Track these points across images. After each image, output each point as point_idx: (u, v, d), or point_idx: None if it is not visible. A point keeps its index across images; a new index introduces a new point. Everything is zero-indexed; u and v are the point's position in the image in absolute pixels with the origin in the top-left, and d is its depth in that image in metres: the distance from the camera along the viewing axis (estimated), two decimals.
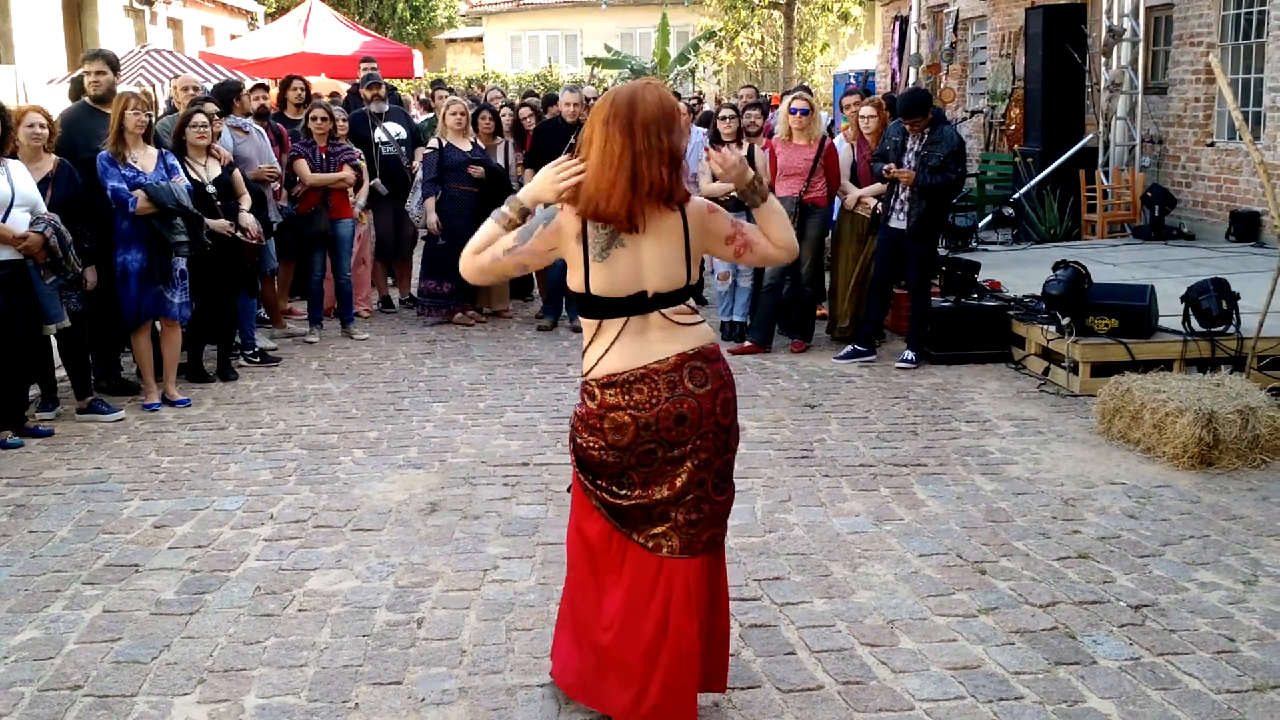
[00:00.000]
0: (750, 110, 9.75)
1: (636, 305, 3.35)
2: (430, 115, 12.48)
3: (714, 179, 9.04)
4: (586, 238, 3.33)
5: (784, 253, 3.52)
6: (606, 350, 3.38)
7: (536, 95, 13.76)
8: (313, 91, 10.51)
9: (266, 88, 10.49)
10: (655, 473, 3.40)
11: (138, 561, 4.85)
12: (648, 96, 3.29)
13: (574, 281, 3.41)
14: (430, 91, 15.96)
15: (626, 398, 3.34)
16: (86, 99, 7.71)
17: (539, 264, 3.48)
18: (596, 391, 3.39)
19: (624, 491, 3.45)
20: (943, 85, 18.24)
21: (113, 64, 7.71)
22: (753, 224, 3.51)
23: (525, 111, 11.03)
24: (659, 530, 3.43)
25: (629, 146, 3.23)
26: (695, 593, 3.41)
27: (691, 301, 3.48)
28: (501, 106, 10.62)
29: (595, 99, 11.37)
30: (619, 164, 3.23)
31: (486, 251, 3.39)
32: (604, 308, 3.37)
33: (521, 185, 9.94)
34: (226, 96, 8.90)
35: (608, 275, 3.32)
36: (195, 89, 8.86)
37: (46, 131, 6.78)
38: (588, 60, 31.00)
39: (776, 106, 10.78)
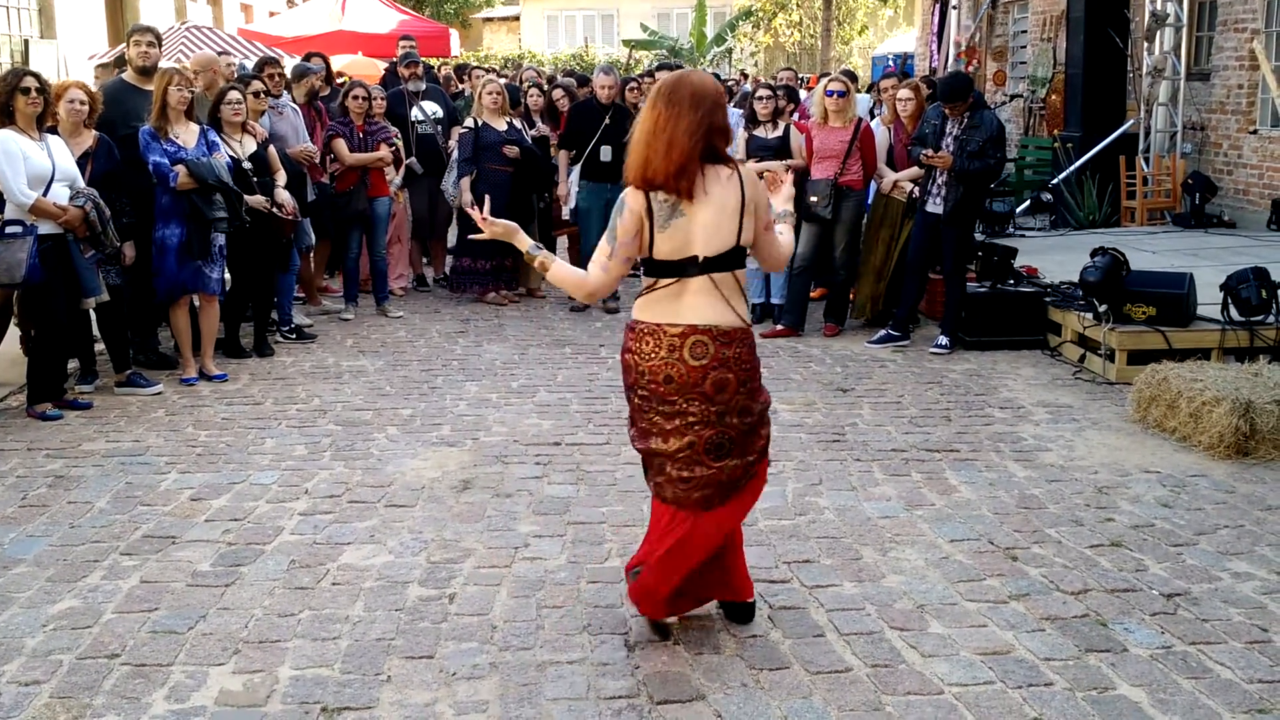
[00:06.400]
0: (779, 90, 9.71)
1: (685, 268, 3.68)
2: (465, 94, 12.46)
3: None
4: (651, 211, 3.64)
5: (773, 264, 3.99)
6: (645, 299, 3.76)
7: (572, 75, 13.62)
8: (348, 75, 10.51)
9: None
10: (650, 424, 3.78)
11: (174, 533, 4.91)
12: (692, 79, 3.69)
13: (639, 247, 3.72)
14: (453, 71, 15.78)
15: (636, 344, 3.74)
16: (125, 75, 7.79)
17: (636, 250, 3.71)
18: (628, 332, 3.80)
19: (632, 430, 3.89)
20: (978, 69, 18.08)
21: (159, 39, 7.80)
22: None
23: (558, 93, 11.00)
24: (659, 479, 3.82)
25: (671, 119, 3.59)
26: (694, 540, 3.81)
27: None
28: (529, 87, 10.54)
29: (639, 78, 11.27)
30: (657, 134, 3.60)
31: (596, 266, 3.76)
32: (660, 268, 3.72)
33: (555, 167, 10.00)
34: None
35: (667, 243, 3.66)
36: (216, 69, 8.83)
37: (87, 107, 6.84)
38: (624, 42, 30.93)
39: (813, 88, 10.72)
